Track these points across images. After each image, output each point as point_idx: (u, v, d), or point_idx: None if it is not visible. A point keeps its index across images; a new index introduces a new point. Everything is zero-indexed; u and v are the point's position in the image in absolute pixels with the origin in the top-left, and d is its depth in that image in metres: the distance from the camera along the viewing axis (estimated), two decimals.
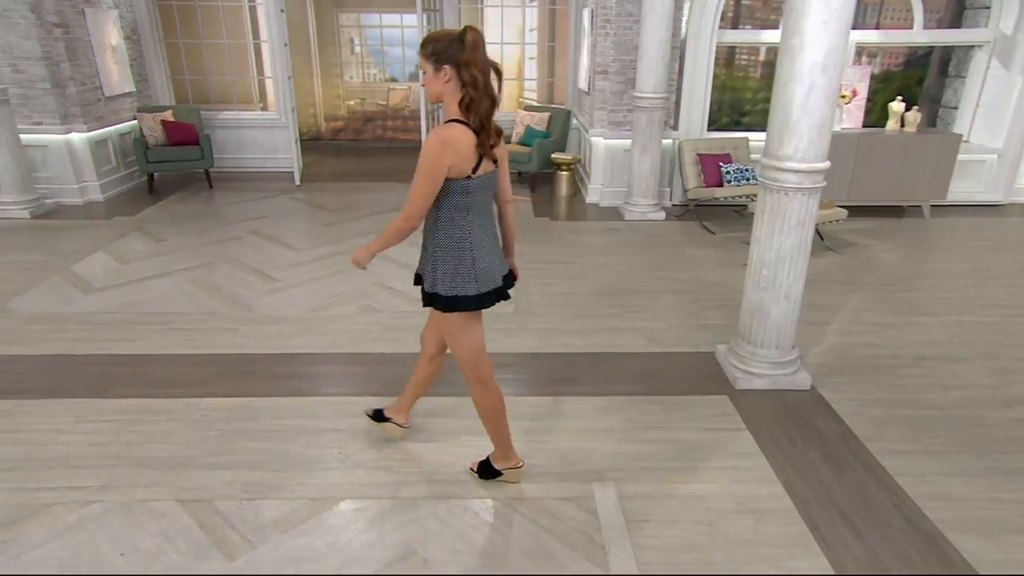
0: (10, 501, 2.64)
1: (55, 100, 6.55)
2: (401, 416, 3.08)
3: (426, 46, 2.22)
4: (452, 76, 2.21)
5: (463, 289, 2.38)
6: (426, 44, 2.22)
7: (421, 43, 2.26)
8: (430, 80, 2.25)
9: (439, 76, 2.22)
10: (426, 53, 2.22)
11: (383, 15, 11.45)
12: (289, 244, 5.78)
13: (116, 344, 3.93)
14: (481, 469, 2.83)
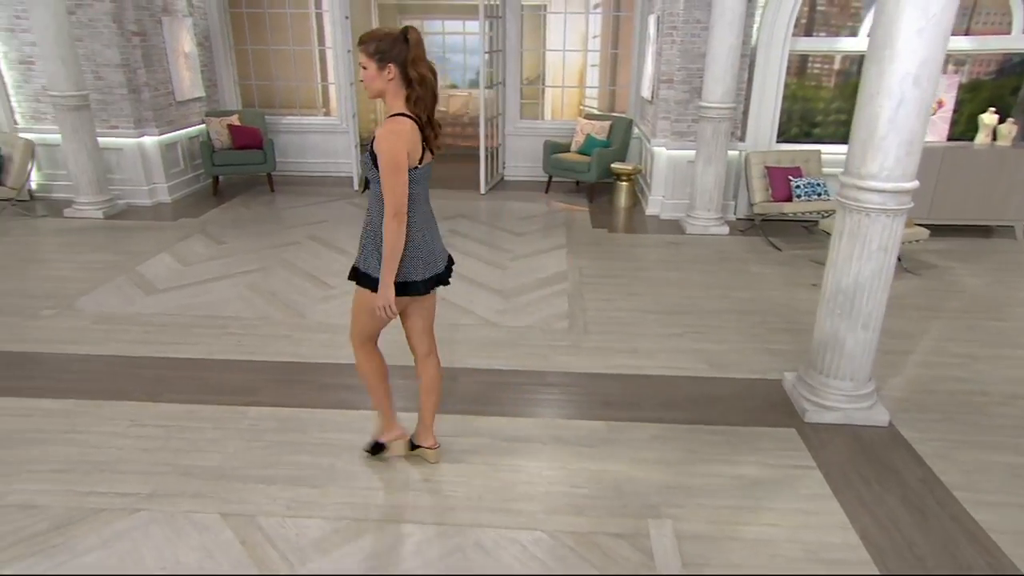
0: (63, 503, 2.66)
1: (131, 105, 6.78)
2: (428, 438, 2.96)
3: (369, 44, 2.29)
4: (396, 75, 2.30)
5: (411, 275, 2.48)
6: (369, 42, 2.29)
7: (362, 41, 2.32)
8: (373, 77, 2.31)
9: (383, 74, 2.30)
10: (369, 51, 2.29)
11: (446, 22, 11.50)
12: (345, 250, 5.79)
13: (172, 347, 3.98)
14: (372, 449, 2.96)
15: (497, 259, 5.61)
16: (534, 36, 9.12)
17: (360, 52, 2.32)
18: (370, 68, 2.30)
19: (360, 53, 2.32)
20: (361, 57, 2.32)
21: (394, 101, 2.35)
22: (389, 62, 2.29)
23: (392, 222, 2.32)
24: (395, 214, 2.31)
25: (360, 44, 2.32)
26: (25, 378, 3.61)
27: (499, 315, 4.50)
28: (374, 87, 2.34)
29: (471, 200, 7.54)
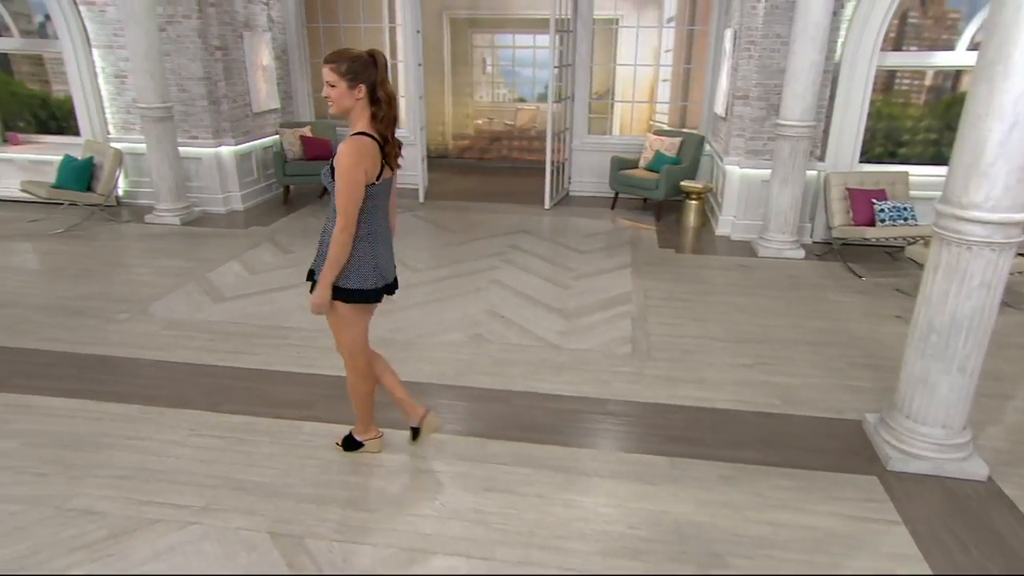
0: (122, 511, 2.69)
1: (210, 116, 7.04)
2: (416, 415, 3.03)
3: (340, 64, 2.39)
4: (364, 95, 2.43)
5: (364, 283, 2.61)
6: (340, 62, 2.39)
7: (332, 59, 2.41)
8: (342, 95, 2.42)
9: (352, 93, 2.42)
10: (341, 71, 2.39)
11: (516, 36, 11.51)
12: (407, 263, 5.78)
13: (235, 356, 4.03)
14: (345, 443, 3.08)
15: (559, 277, 5.49)
16: (604, 50, 9.00)
17: (329, 70, 2.41)
18: (339, 87, 2.41)
19: (329, 71, 2.41)
20: (330, 75, 2.41)
21: (358, 120, 2.48)
22: (360, 82, 2.41)
23: (341, 235, 2.46)
24: (344, 227, 2.46)
25: (330, 63, 2.41)
26: (98, 381, 3.72)
27: (559, 337, 4.38)
28: (342, 104, 2.44)
29: (535, 215, 7.46)
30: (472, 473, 2.97)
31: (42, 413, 3.38)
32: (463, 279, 5.40)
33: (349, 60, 2.40)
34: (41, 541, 2.51)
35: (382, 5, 8.99)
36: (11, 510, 2.67)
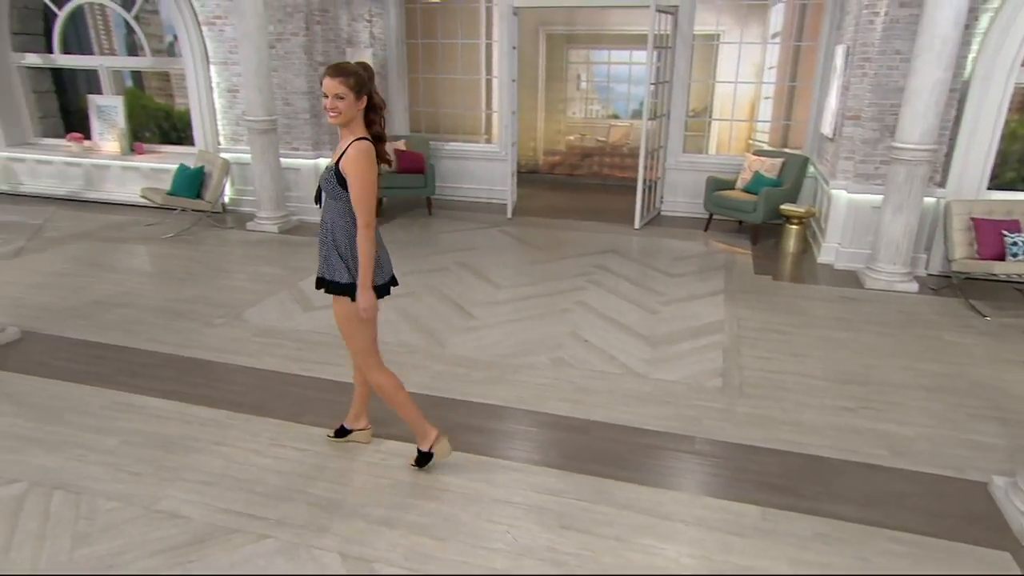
0: (203, 517, 2.75)
1: (311, 129, 7.32)
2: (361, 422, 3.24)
3: (348, 77, 2.53)
4: (365, 103, 2.60)
5: (381, 278, 2.79)
6: (348, 76, 2.53)
7: (339, 74, 2.53)
8: (349, 106, 2.55)
9: (358, 103, 2.58)
10: (349, 84, 2.52)
11: (612, 52, 11.37)
12: (492, 280, 5.76)
13: (319, 367, 4.10)
14: (418, 461, 3.07)
15: (647, 301, 5.29)
16: (703, 67, 8.72)
17: (339, 84, 2.52)
18: (348, 98, 2.54)
19: (339, 85, 2.52)
20: (340, 88, 2.52)
21: (357, 127, 2.63)
22: (364, 93, 2.59)
23: (367, 231, 2.61)
24: (368, 224, 2.61)
25: (337, 76, 2.53)
26: (191, 384, 3.88)
27: (645, 365, 4.19)
28: (348, 114, 2.58)
29: (623, 235, 7.28)
30: (548, 507, 2.85)
31: (141, 412, 3.55)
32: (548, 299, 5.31)
33: (355, 74, 2.56)
34: (130, 541, 2.60)
35: (480, 22, 9.10)
36: (107, 507, 2.79)
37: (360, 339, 2.83)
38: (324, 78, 2.55)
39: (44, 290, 5.35)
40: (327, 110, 2.58)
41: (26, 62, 8.61)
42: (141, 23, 8.16)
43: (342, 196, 2.62)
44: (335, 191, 2.63)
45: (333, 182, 2.63)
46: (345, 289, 2.72)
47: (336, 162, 2.62)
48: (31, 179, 8.70)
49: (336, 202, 2.65)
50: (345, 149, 2.60)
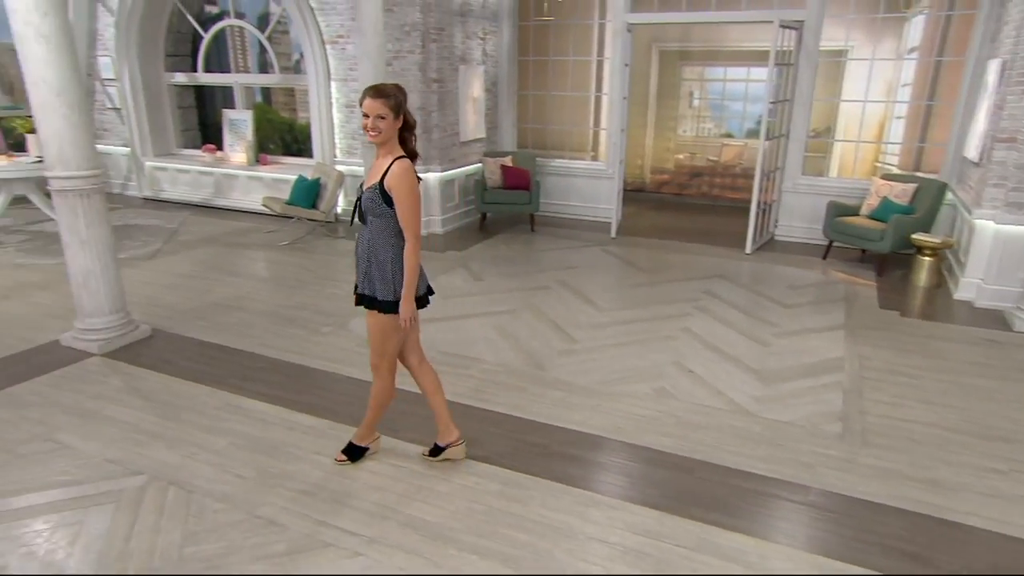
0: (300, 528, 2.79)
1: (422, 144, 7.47)
2: (452, 434, 3.25)
3: (389, 99, 2.65)
4: (401, 122, 2.72)
5: (420, 289, 2.92)
6: (389, 97, 2.65)
7: (380, 95, 2.64)
8: (389, 126, 2.67)
9: (396, 123, 2.70)
10: (389, 105, 2.65)
11: (728, 69, 10.96)
12: (593, 301, 5.63)
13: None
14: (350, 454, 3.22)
15: (758, 333, 4.98)
16: (827, 84, 8.21)
17: (381, 104, 2.64)
18: (388, 118, 2.66)
19: (381, 106, 2.64)
20: (382, 109, 2.64)
21: (394, 146, 2.75)
22: (401, 113, 2.70)
23: (417, 243, 2.77)
24: (417, 237, 2.78)
25: (379, 97, 2.64)
26: (296, 391, 4.00)
27: (755, 403, 3.92)
28: (387, 134, 2.69)
29: (733, 259, 6.93)
30: (646, 552, 2.69)
31: (249, 416, 3.69)
32: (651, 324, 5.11)
33: (394, 95, 2.67)
34: (232, 544, 2.68)
35: (592, 39, 9.03)
36: (214, 507, 2.89)
37: (390, 348, 2.98)
38: (364, 99, 2.66)
39: (173, 291, 5.74)
40: (367, 130, 2.69)
41: (175, 80, 9.40)
42: (272, 43, 8.70)
43: (386, 213, 2.74)
44: (380, 209, 2.74)
45: (378, 200, 2.73)
46: (384, 304, 2.84)
47: (380, 181, 2.71)
48: (171, 186, 9.46)
49: (379, 219, 2.77)
50: (388, 168, 2.71)
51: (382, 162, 2.76)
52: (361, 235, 2.87)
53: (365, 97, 2.67)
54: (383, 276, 2.81)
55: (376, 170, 2.78)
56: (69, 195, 4.20)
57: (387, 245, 2.79)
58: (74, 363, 4.28)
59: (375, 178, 2.76)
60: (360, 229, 2.90)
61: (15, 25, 3.86)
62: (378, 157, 2.79)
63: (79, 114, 4.12)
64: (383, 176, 2.71)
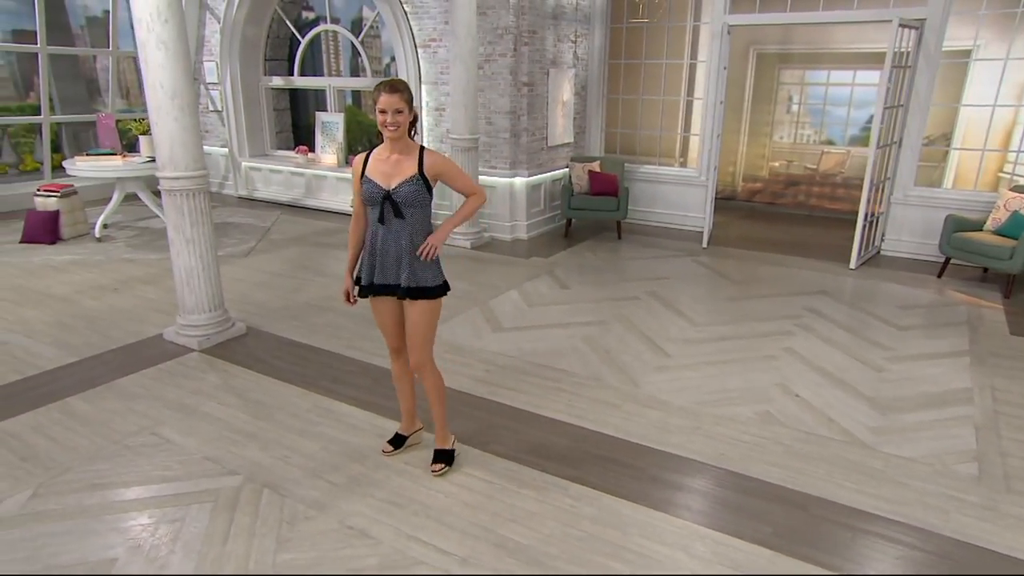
0: (391, 542, 2.71)
1: (510, 148, 7.42)
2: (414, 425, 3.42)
3: (404, 93, 2.75)
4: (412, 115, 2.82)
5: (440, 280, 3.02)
6: (404, 91, 2.75)
7: (399, 89, 2.73)
8: (405, 119, 2.77)
9: (409, 116, 2.78)
10: (406, 99, 2.75)
11: (832, 72, 10.36)
12: (685, 314, 5.37)
13: (506, 393, 4.01)
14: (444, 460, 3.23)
15: (869, 356, 4.60)
16: (944, 88, 7.58)
17: (399, 99, 2.72)
18: (404, 112, 2.74)
19: (399, 100, 2.72)
20: (400, 103, 2.72)
21: (407, 139, 2.85)
22: (412, 107, 2.80)
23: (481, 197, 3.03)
24: (483, 193, 3.05)
25: (395, 92, 2.72)
26: (385, 395, 3.93)
27: (872, 434, 3.59)
28: (404, 128, 2.78)
29: (836, 274, 6.50)
30: None
31: (340, 420, 3.67)
32: (750, 342, 4.82)
33: (408, 89, 2.77)
34: (324, 555, 2.63)
35: (684, 42, 8.72)
36: (307, 514, 2.87)
37: (432, 334, 3.04)
38: (380, 95, 2.72)
39: (264, 288, 5.88)
40: (386, 126, 2.74)
41: (272, 84, 9.73)
42: (365, 47, 8.85)
43: (427, 202, 2.89)
44: (423, 199, 2.86)
45: (422, 191, 2.84)
46: (435, 290, 2.95)
47: (420, 172, 2.82)
48: (264, 186, 9.78)
49: (419, 210, 2.88)
50: (420, 159, 2.84)
51: (400, 157, 2.84)
52: (389, 233, 2.88)
53: (381, 93, 2.72)
54: (426, 264, 2.91)
55: (396, 164, 2.83)
56: (177, 195, 4.33)
57: (426, 234, 2.92)
58: (175, 358, 4.41)
59: (404, 173, 2.82)
60: (381, 229, 2.88)
61: (139, 33, 4.02)
62: (391, 152, 2.84)
63: (189, 117, 4.25)
64: (420, 167, 2.82)
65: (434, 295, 2.97)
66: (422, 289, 2.93)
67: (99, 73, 12.27)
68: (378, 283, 2.99)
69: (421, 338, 3.00)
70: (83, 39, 11.78)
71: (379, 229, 2.91)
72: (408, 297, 2.94)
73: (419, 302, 2.95)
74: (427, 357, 3.06)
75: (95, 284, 5.86)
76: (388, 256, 2.93)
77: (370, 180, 2.86)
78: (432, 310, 2.99)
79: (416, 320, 2.98)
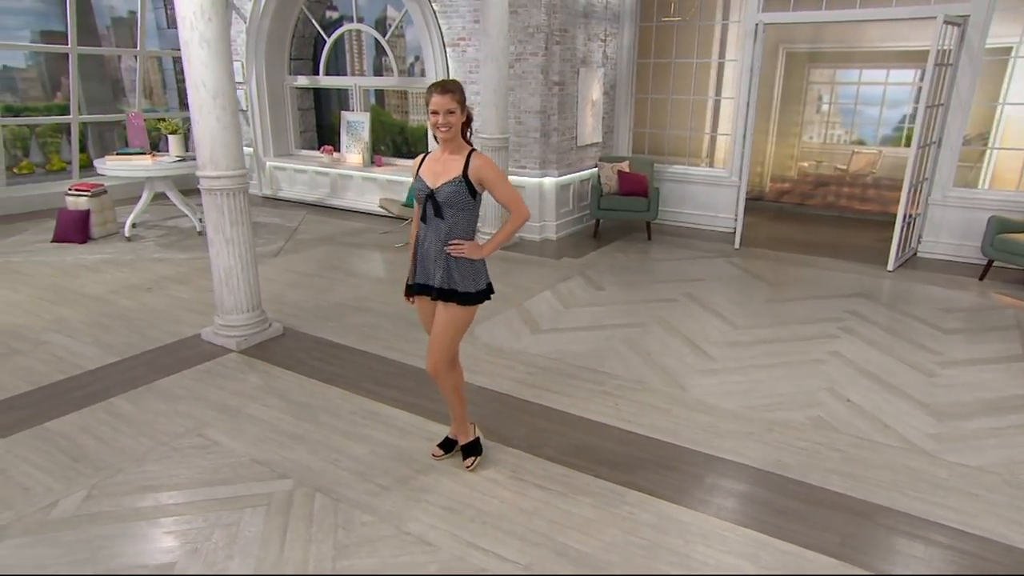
0: (451, 549, 2.65)
1: (539, 147, 7.36)
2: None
3: (456, 93, 2.73)
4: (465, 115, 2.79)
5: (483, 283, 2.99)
6: (456, 91, 2.73)
7: (451, 90, 2.72)
8: (458, 120, 2.75)
9: (462, 116, 2.76)
10: (458, 99, 2.73)
11: (864, 71, 10.22)
12: (724, 316, 5.29)
13: (551, 396, 3.94)
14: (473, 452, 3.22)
15: (918, 360, 4.50)
16: (985, 86, 7.42)
17: (450, 99, 2.70)
18: (457, 112, 2.72)
19: (451, 100, 2.70)
20: (452, 104, 2.70)
21: (460, 140, 2.82)
22: (465, 107, 2.78)
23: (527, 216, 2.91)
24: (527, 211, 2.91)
25: (447, 93, 2.70)
26: (429, 398, 3.88)
27: (932, 442, 3.50)
28: (456, 129, 2.76)
29: (873, 276, 6.39)
30: None
31: (386, 423, 3.62)
32: (793, 345, 4.73)
33: (460, 89, 2.75)
34: (384, 562, 2.58)
35: (712, 41, 8.62)
36: (363, 519, 2.81)
37: (454, 341, 2.98)
38: (432, 96, 2.71)
39: (296, 288, 5.85)
40: (439, 127, 2.73)
41: (297, 83, 9.72)
42: (389, 46, 8.81)
43: (470, 205, 2.83)
44: (465, 202, 2.81)
45: (464, 193, 2.79)
46: (466, 297, 2.89)
47: (464, 175, 2.77)
48: (288, 185, 9.78)
49: (461, 212, 2.83)
50: (467, 162, 2.78)
51: (450, 157, 2.82)
52: (429, 231, 2.87)
53: (433, 94, 2.72)
54: (463, 268, 2.86)
55: (445, 164, 2.82)
56: (217, 194, 4.31)
57: (468, 236, 2.88)
58: (215, 359, 4.38)
59: (449, 173, 2.79)
60: (423, 227, 2.89)
61: (182, 32, 3.99)
62: (443, 152, 2.84)
63: (230, 116, 4.22)
64: (465, 170, 2.78)
65: (465, 301, 2.90)
66: (453, 292, 2.88)
67: (123, 73, 12.36)
68: (419, 282, 2.99)
69: (441, 341, 2.95)
70: (109, 40, 11.87)
71: (422, 227, 2.91)
72: (441, 299, 2.90)
73: (450, 305, 2.91)
74: (444, 363, 2.98)
75: (128, 284, 5.86)
76: (428, 255, 2.92)
77: (420, 178, 2.88)
78: (459, 316, 2.93)
79: (441, 322, 2.94)
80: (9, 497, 2.91)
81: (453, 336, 2.98)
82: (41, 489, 2.97)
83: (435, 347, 2.98)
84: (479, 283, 2.94)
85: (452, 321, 2.94)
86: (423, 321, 3.11)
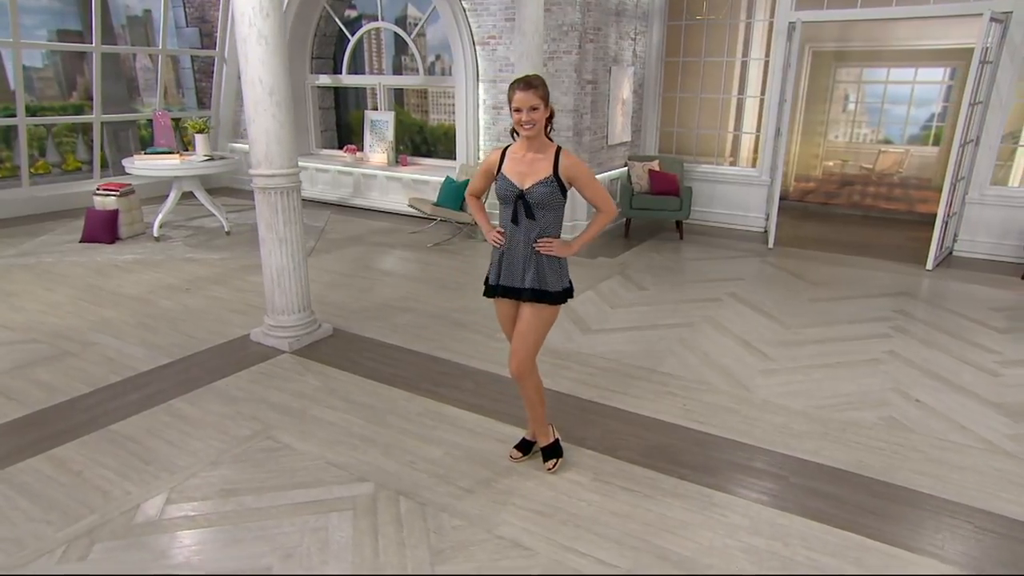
0: (548, 553, 2.59)
1: (572, 146, 7.29)
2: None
3: (539, 89, 2.65)
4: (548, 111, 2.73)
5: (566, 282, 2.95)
6: (539, 87, 2.66)
7: (534, 86, 2.64)
8: (541, 116, 2.69)
9: (546, 112, 2.70)
10: (540, 95, 2.65)
11: (892, 70, 10.19)
12: (773, 316, 5.24)
13: (616, 396, 3.89)
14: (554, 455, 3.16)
15: (978, 360, 4.46)
16: (1019, 83, 7.40)
17: (533, 95, 2.63)
18: (540, 109, 2.66)
19: (534, 96, 2.63)
20: (535, 100, 2.64)
21: (543, 136, 2.76)
22: (549, 104, 2.72)
23: (615, 213, 2.92)
24: (615, 208, 2.91)
25: (530, 89, 2.63)
26: (492, 399, 3.84)
27: (1012, 443, 3.45)
28: (540, 126, 2.71)
29: (912, 275, 6.35)
30: None
31: (455, 424, 3.56)
32: (848, 344, 4.68)
33: (543, 85, 2.68)
34: (483, 565, 2.52)
35: (738, 39, 8.58)
36: (452, 523, 2.75)
37: (540, 340, 2.95)
38: (515, 93, 2.64)
39: (336, 289, 5.78)
40: (522, 124, 2.66)
41: (319, 82, 9.65)
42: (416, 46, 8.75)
43: (560, 204, 2.80)
44: (556, 201, 2.77)
45: (556, 193, 2.75)
46: (556, 296, 2.86)
47: (555, 174, 2.72)
48: (309, 185, 9.69)
49: (551, 212, 2.80)
50: (556, 160, 2.73)
51: (536, 156, 2.76)
52: (518, 233, 2.81)
53: (515, 91, 2.65)
54: (554, 267, 2.84)
55: (532, 164, 2.75)
56: (271, 192, 4.24)
57: (556, 235, 2.86)
58: (267, 360, 4.32)
59: (538, 174, 2.74)
60: (512, 228, 2.82)
61: (240, 29, 3.93)
62: (526, 150, 2.77)
63: (285, 113, 4.16)
64: (555, 169, 2.72)
65: (555, 300, 2.89)
66: (545, 292, 2.86)
67: (138, 72, 12.27)
68: (504, 284, 2.92)
69: (528, 341, 2.91)
70: (124, 38, 11.77)
71: (510, 229, 2.83)
72: (533, 300, 2.86)
73: (540, 305, 2.87)
74: (530, 364, 2.96)
75: (164, 284, 5.78)
76: (516, 257, 2.86)
77: (505, 178, 2.80)
78: (548, 315, 2.92)
79: (529, 321, 2.89)
80: (90, 500, 2.84)
81: (539, 336, 2.94)
82: (119, 492, 2.90)
83: (520, 347, 2.92)
84: (564, 281, 2.92)
85: (541, 321, 2.90)
86: (504, 324, 3.06)
